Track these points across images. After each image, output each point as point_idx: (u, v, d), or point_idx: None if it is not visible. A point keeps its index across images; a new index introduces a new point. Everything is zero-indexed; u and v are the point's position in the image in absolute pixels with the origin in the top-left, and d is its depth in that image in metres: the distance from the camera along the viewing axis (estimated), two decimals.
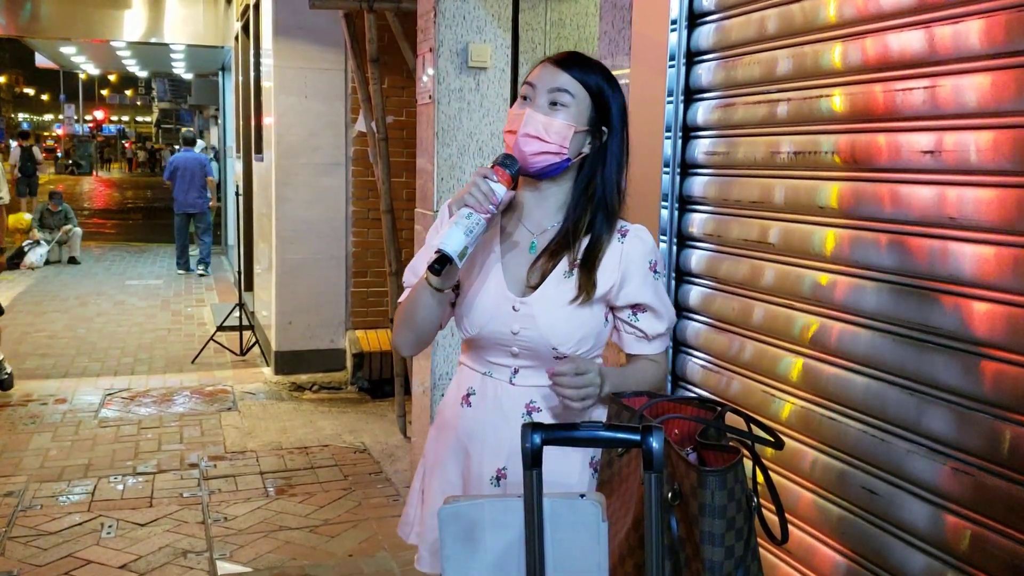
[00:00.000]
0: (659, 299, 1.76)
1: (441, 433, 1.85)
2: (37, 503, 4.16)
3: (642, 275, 1.74)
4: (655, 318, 1.76)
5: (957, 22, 1.68)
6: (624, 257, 1.73)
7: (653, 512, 1.28)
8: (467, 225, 1.59)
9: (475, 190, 1.61)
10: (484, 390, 1.76)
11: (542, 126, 1.67)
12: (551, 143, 1.67)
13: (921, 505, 1.76)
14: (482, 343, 1.75)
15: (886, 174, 1.84)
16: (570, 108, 1.68)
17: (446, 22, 3.86)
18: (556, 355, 1.70)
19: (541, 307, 1.69)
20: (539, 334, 1.69)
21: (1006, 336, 1.59)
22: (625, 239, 1.75)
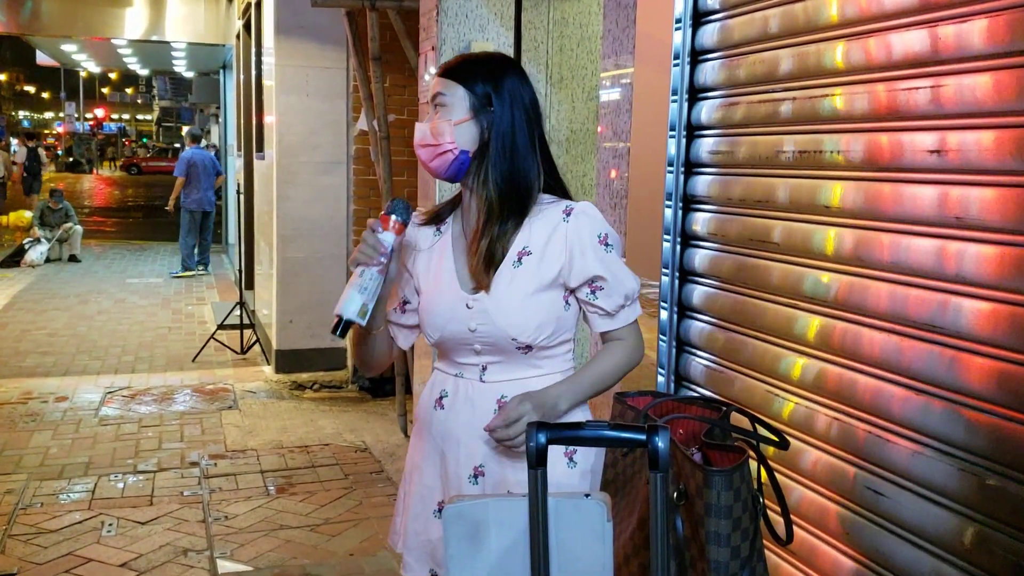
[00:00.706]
0: (611, 271, 1.71)
1: (418, 439, 1.86)
2: (37, 501, 4.16)
3: (592, 250, 1.70)
4: (612, 292, 1.72)
5: (961, 22, 1.67)
6: (570, 236, 1.70)
7: (659, 512, 1.27)
8: (360, 283, 1.63)
9: (363, 246, 1.66)
10: (456, 391, 1.77)
11: (427, 132, 1.72)
12: (439, 144, 1.71)
13: (926, 505, 1.75)
14: (447, 345, 1.78)
15: (890, 173, 1.84)
16: (447, 106, 1.72)
17: (448, 20, 3.85)
18: (518, 346, 1.70)
19: (493, 301, 1.70)
20: (496, 327, 1.70)
21: (1011, 336, 1.59)
22: (570, 217, 1.72)
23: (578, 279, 1.71)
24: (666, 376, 2.58)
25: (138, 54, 17.75)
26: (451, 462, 1.76)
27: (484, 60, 1.77)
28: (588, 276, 1.71)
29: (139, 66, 22.76)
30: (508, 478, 1.69)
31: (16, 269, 11.76)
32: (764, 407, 2.18)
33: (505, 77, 1.74)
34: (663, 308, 2.57)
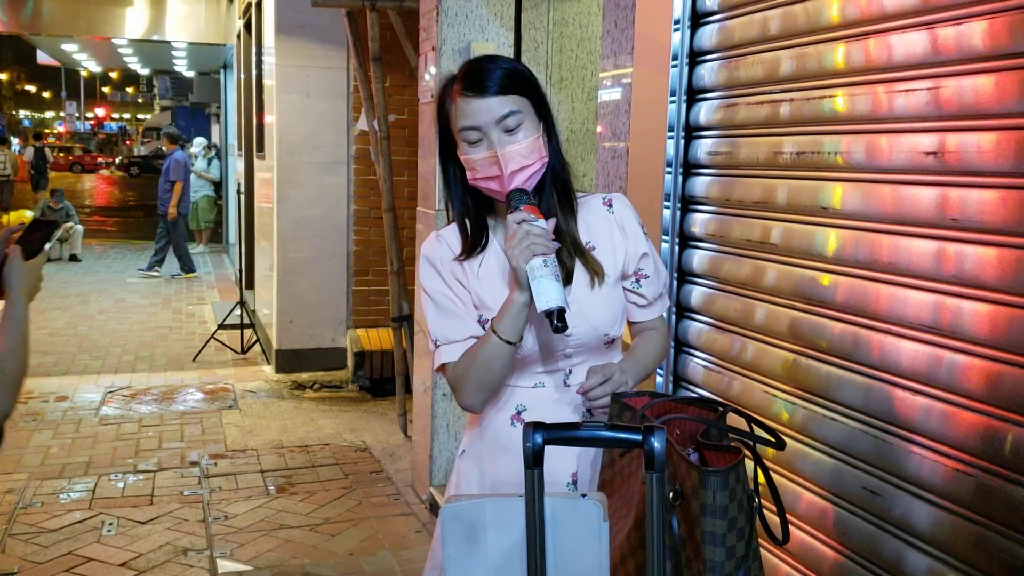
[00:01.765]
0: (653, 256, 1.79)
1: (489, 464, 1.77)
2: (38, 500, 4.17)
3: (640, 236, 1.77)
4: (653, 280, 1.79)
5: (960, 23, 1.68)
6: (620, 223, 1.77)
7: (655, 512, 1.28)
8: (551, 272, 1.57)
9: (534, 238, 1.58)
10: (536, 402, 1.73)
11: (522, 156, 1.64)
12: (534, 161, 1.66)
13: (922, 505, 1.76)
14: (533, 357, 1.72)
15: (889, 175, 1.84)
16: (525, 121, 1.65)
17: (448, 21, 3.86)
18: (606, 340, 1.74)
19: (583, 301, 1.70)
20: (591, 326, 1.70)
21: (1010, 337, 1.59)
22: (613, 208, 1.78)
23: (633, 264, 1.77)
24: (664, 377, 2.58)
25: (139, 53, 17.77)
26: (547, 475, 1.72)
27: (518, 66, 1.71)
28: (639, 256, 1.76)
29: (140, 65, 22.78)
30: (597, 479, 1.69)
31: None
32: (762, 408, 2.19)
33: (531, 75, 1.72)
34: None
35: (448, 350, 1.72)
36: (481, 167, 1.66)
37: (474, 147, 1.66)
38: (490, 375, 1.68)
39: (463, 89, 1.65)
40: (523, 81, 1.67)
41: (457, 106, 1.66)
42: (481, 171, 1.66)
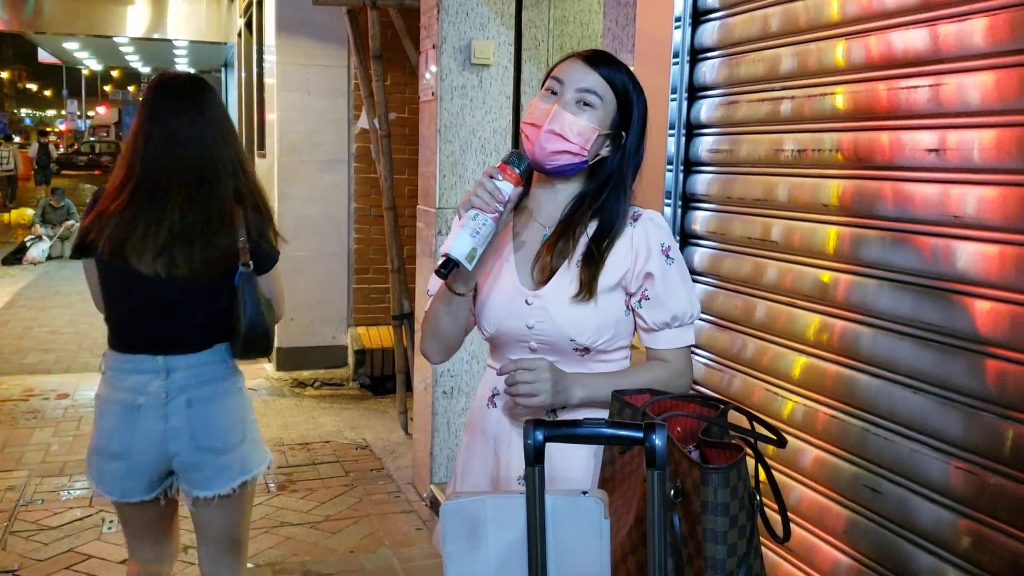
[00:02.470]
0: (664, 281, 1.68)
1: (470, 437, 1.83)
2: (38, 498, 4.17)
3: (655, 256, 1.68)
4: (658, 305, 1.68)
5: (961, 20, 1.68)
6: (636, 241, 1.69)
7: (656, 510, 1.27)
8: (473, 227, 1.56)
9: (480, 190, 1.58)
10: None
11: (568, 125, 1.63)
12: (573, 143, 1.63)
13: (925, 504, 1.75)
14: (501, 341, 1.73)
15: (890, 172, 1.84)
16: (597, 110, 1.65)
17: (449, 18, 3.85)
18: (575, 347, 1.67)
19: (553, 299, 1.67)
20: (554, 326, 1.66)
21: (1010, 335, 1.59)
22: (637, 223, 1.70)
23: (637, 282, 1.68)
24: None
25: (140, 52, 17.79)
26: (503, 463, 1.73)
27: (633, 76, 1.70)
28: (643, 276, 1.67)
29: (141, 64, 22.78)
30: (556, 477, 1.64)
31: (18, 266, 11.78)
32: (763, 406, 2.19)
33: (643, 100, 1.71)
34: None
35: (429, 301, 1.78)
36: (535, 111, 1.67)
37: (545, 98, 1.68)
38: (437, 323, 1.73)
39: (580, 55, 1.69)
40: (624, 86, 1.68)
41: (564, 65, 1.70)
42: (532, 116, 1.67)
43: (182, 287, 2.13)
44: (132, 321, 2.20)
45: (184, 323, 2.17)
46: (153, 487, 2.26)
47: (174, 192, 2.12)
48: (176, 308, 2.16)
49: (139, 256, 2.10)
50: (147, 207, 2.11)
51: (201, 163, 2.15)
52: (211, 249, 2.13)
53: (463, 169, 3.95)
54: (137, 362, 2.17)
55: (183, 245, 2.10)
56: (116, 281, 2.19)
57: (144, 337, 2.17)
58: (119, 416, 2.18)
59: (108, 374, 2.23)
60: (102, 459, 2.22)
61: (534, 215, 1.75)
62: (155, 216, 2.11)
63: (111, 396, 2.21)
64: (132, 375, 2.18)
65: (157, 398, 2.17)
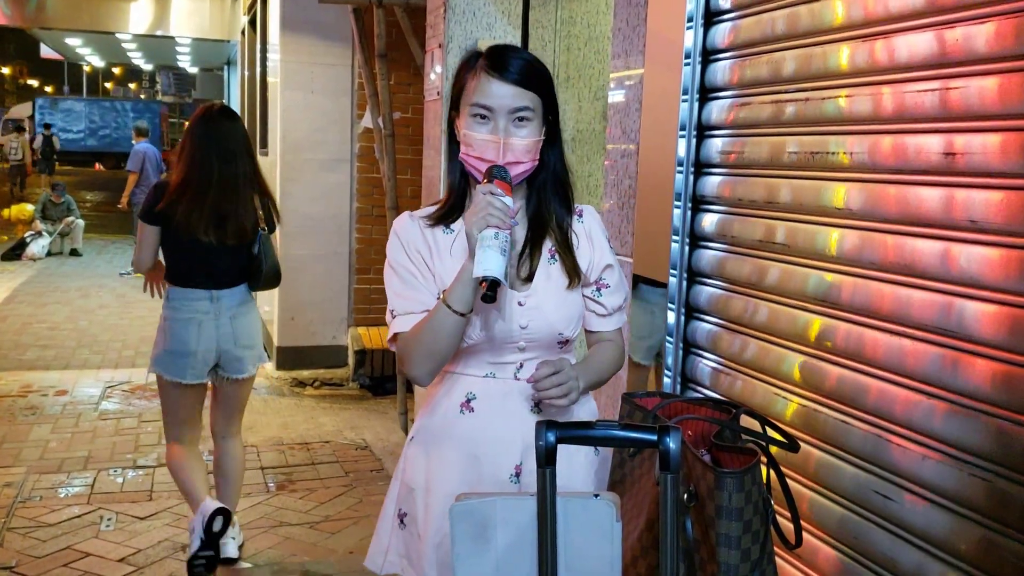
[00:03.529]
0: (618, 270, 1.84)
1: (435, 448, 1.79)
2: (36, 495, 4.14)
3: (606, 248, 1.83)
4: (615, 291, 1.83)
5: (970, 25, 1.66)
6: (588, 233, 1.82)
7: (669, 513, 1.26)
8: (499, 245, 1.57)
9: (493, 209, 1.59)
10: (487, 392, 1.74)
11: (518, 150, 1.68)
12: (526, 161, 1.70)
13: (934, 510, 1.74)
14: (485, 346, 1.73)
15: (901, 175, 1.83)
16: (533, 120, 1.70)
17: (456, 18, 3.84)
18: (559, 340, 1.75)
19: (544, 296, 1.73)
20: (547, 323, 1.72)
21: (1017, 338, 1.57)
22: (583, 218, 1.84)
23: (596, 272, 1.80)
24: (672, 378, 2.56)
25: (142, 49, 17.77)
26: (487, 464, 1.72)
27: (541, 65, 1.74)
28: (603, 267, 1.80)
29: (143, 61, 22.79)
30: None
31: (18, 262, 11.75)
32: (771, 410, 2.17)
33: (549, 77, 1.75)
34: (671, 309, 2.55)
35: (402, 320, 1.75)
36: (478, 146, 1.68)
37: (479, 125, 1.68)
38: (436, 345, 1.69)
39: (488, 67, 1.68)
40: (542, 80, 1.72)
41: (477, 81, 1.68)
42: (476, 149, 1.68)
43: (225, 249, 3.35)
44: (192, 268, 3.38)
45: (225, 269, 3.40)
46: (206, 373, 3.43)
47: (216, 188, 3.30)
48: (221, 261, 3.37)
49: (200, 230, 3.27)
50: (201, 198, 3.27)
51: (233, 170, 3.34)
52: (241, 225, 3.35)
53: None
54: (197, 294, 3.37)
55: (225, 222, 3.31)
56: (182, 244, 3.34)
57: (200, 278, 3.37)
58: (187, 328, 3.35)
59: (174, 302, 3.38)
60: (173, 356, 3.35)
61: None
62: (209, 204, 3.28)
63: (178, 316, 3.37)
64: (194, 302, 3.36)
65: (210, 315, 3.37)
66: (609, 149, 2.84)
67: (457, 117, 1.74)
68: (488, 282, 1.55)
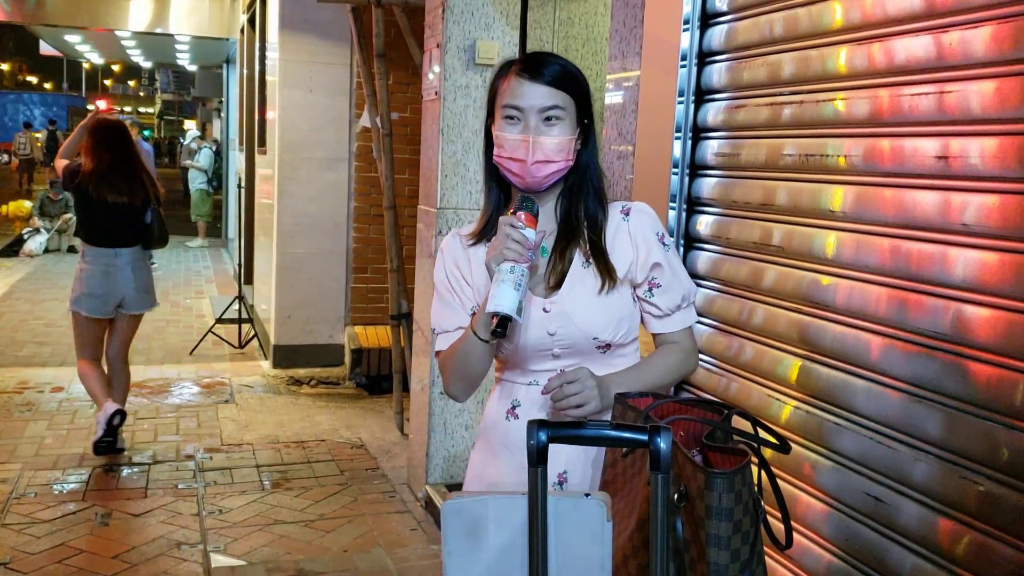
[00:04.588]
0: (670, 266, 1.75)
1: (487, 455, 1.82)
2: (31, 491, 4.14)
3: (655, 244, 1.75)
4: (669, 290, 1.75)
5: (967, 28, 1.67)
6: (633, 232, 1.75)
7: (659, 513, 1.26)
8: (514, 280, 1.57)
9: (510, 243, 1.59)
10: (530, 399, 1.75)
11: (549, 149, 1.67)
12: (559, 161, 1.68)
13: (925, 512, 1.74)
14: (522, 355, 1.73)
15: (896, 179, 1.83)
16: (564, 120, 1.69)
17: (454, 18, 3.84)
18: (599, 344, 1.71)
19: (571, 302, 1.70)
20: (576, 328, 1.69)
21: (1012, 342, 1.58)
22: (630, 216, 1.77)
23: (643, 272, 1.74)
24: None
25: (142, 46, 17.72)
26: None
27: (575, 69, 1.73)
28: (650, 266, 1.73)
29: (142, 58, 22.73)
30: (589, 482, 1.69)
31: (15, 259, 11.74)
32: (765, 411, 2.18)
33: (584, 80, 1.74)
34: None
35: (442, 339, 1.79)
36: (509, 147, 1.68)
37: (511, 126, 1.69)
38: (467, 367, 1.72)
39: (520, 71, 1.69)
40: (575, 82, 1.71)
41: (509, 84, 1.70)
42: (508, 150, 1.69)
43: (123, 217, 4.59)
44: (101, 232, 4.62)
45: (124, 233, 4.64)
46: (112, 311, 4.68)
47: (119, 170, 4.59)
48: (121, 226, 4.62)
49: (112, 194, 4.53)
50: (109, 175, 4.55)
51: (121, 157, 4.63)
52: (136, 193, 4.61)
53: (465, 170, 3.94)
54: (105, 252, 4.62)
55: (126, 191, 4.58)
56: (94, 211, 4.58)
57: (107, 240, 4.61)
58: (97, 277, 4.60)
59: (88, 258, 4.63)
60: (88, 297, 4.61)
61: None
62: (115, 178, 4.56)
63: (91, 268, 4.61)
64: (102, 257, 4.61)
65: (114, 267, 4.62)
66: (605, 150, 2.85)
67: (492, 123, 1.74)
68: (499, 317, 1.56)
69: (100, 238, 4.61)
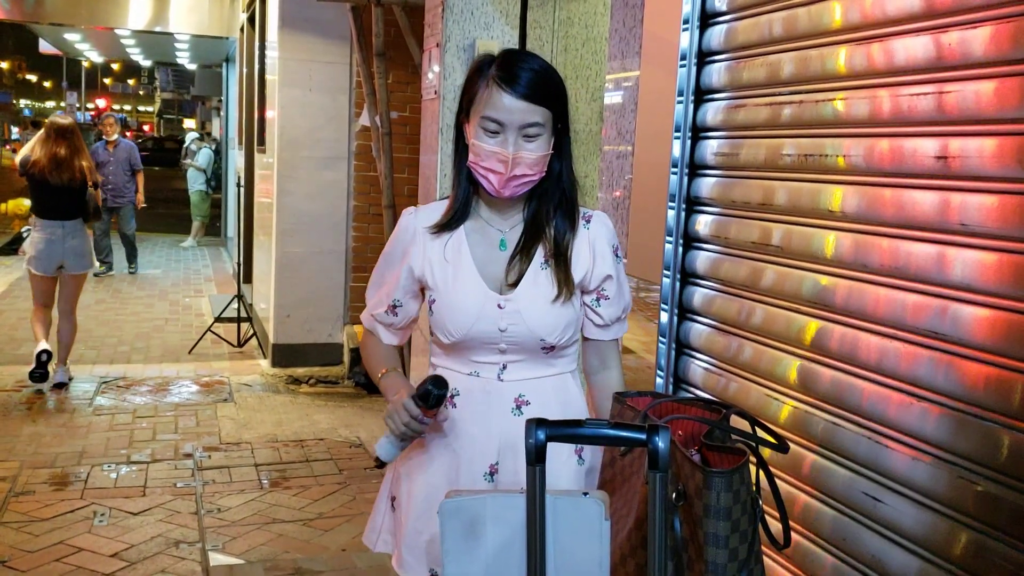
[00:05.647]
0: (619, 281, 1.81)
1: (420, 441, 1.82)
2: (30, 489, 4.14)
3: (610, 256, 1.79)
4: (614, 303, 1.81)
5: (966, 29, 1.67)
6: (592, 241, 1.79)
7: (657, 512, 1.26)
8: (399, 443, 1.72)
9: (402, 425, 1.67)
10: (470, 389, 1.76)
11: (527, 164, 1.68)
12: (533, 173, 1.70)
13: (923, 512, 1.74)
14: (467, 344, 1.75)
15: (896, 179, 1.83)
16: (543, 135, 1.69)
17: (454, 17, 3.84)
18: (543, 346, 1.74)
19: (526, 302, 1.72)
20: (527, 328, 1.72)
21: (1011, 343, 1.58)
22: (590, 224, 1.80)
23: (595, 282, 1.78)
24: (664, 378, 2.57)
25: (141, 45, 17.72)
26: (464, 460, 1.75)
27: (554, 76, 1.73)
28: (603, 277, 1.78)
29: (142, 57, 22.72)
30: (521, 474, 1.68)
31: (14, 257, 11.72)
32: (763, 411, 2.18)
33: (563, 83, 1.74)
34: (664, 310, 2.56)
35: (369, 311, 1.98)
36: (487, 158, 1.69)
37: (489, 137, 1.68)
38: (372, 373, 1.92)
39: (499, 80, 1.67)
40: (555, 93, 1.70)
41: (489, 93, 1.68)
42: (485, 161, 1.69)
43: (67, 196, 5.79)
44: (49, 207, 5.79)
45: (67, 209, 5.82)
46: (56, 270, 5.82)
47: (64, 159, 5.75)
48: (64, 203, 5.80)
49: (55, 177, 5.71)
50: (54, 164, 5.70)
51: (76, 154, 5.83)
52: (75, 176, 5.79)
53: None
54: (52, 223, 5.78)
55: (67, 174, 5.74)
56: (44, 188, 5.75)
57: (53, 213, 5.76)
58: (46, 244, 5.78)
59: (39, 229, 5.81)
60: (38, 259, 5.80)
61: (487, 221, 1.80)
62: (57, 165, 5.71)
63: (42, 236, 5.80)
64: (50, 228, 5.77)
65: (59, 236, 5.78)
66: (605, 150, 2.85)
67: (466, 122, 1.74)
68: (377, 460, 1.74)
69: (46, 212, 5.82)
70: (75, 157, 5.81)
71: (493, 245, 1.78)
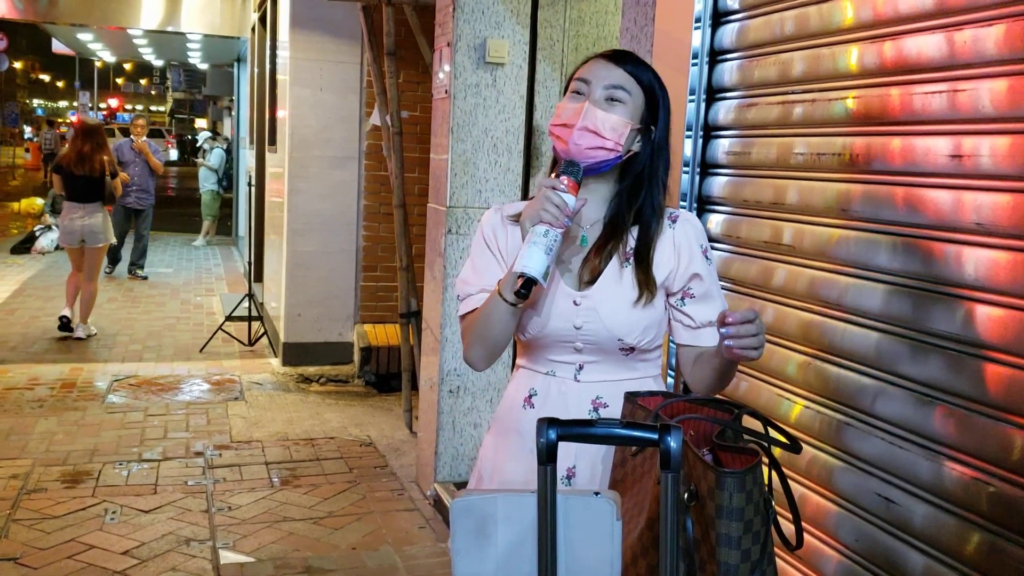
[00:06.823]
0: (710, 281, 1.72)
1: (500, 439, 1.81)
2: (42, 487, 4.16)
3: (698, 257, 1.72)
4: (702, 302, 1.71)
5: (979, 26, 1.66)
6: (678, 241, 1.72)
7: (669, 512, 1.26)
8: (546, 243, 1.55)
9: (548, 205, 1.56)
10: (547, 390, 1.74)
11: (600, 121, 1.64)
12: (608, 139, 1.65)
13: (937, 513, 1.73)
14: (544, 342, 1.72)
15: (908, 177, 1.82)
16: (627, 104, 1.66)
17: (464, 16, 3.84)
18: (622, 347, 1.69)
19: (602, 300, 1.68)
20: (603, 327, 1.67)
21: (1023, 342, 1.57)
22: (676, 224, 1.74)
23: (681, 281, 1.71)
24: (675, 377, 2.56)
25: (153, 44, 17.79)
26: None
27: (655, 73, 1.72)
28: (689, 275, 1.70)
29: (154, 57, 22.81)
30: (599, 478, 1.67)
31: (27, 256, 11.80)
32: (774, 410, 2.17)
33: (667, 97, 1.73)
34: None
35: (466, 302, 1.76)
36: (564, 113, 1.67)
37: (572, 98, 1.69)
38: (487, 331, 1.68)
39: (603, 56, 1.71)
40: (651, 81, 1.70)
41: (587, 64, 1.71)
42: (562, 116, 1.68)
43: (88, 181, 7.32)
44: (75, 191, 7.31)
45: (88, 192, 7.33)
46: (79, 243, 7.36)
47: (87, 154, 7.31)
48: (87, 189, 7.33)
49: (79, 169, 7.27)
50: (78, 158, 7.28)
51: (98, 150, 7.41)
52: (95, 168, 7.34)
53: (475, 168, 3.94)
54: (76, 205, 7.33)
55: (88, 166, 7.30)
56: (70, 177, 7.29)
57: (78, 197, 7.32)
58: (69, 221, 7.35)
59: (66, 209, 7.38)
60: (66, 234, 7.41)
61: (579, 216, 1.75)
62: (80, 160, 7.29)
63: (68, 215, 7.36)
64: (75, 208, 7.34)
65: (80, 215, 7.34)
66: None
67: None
68: (524, 279, 1.55)
69: (71, 196, 7.28)
70: (96, 152, 7.31)
71: (574, 241, 1.73)
